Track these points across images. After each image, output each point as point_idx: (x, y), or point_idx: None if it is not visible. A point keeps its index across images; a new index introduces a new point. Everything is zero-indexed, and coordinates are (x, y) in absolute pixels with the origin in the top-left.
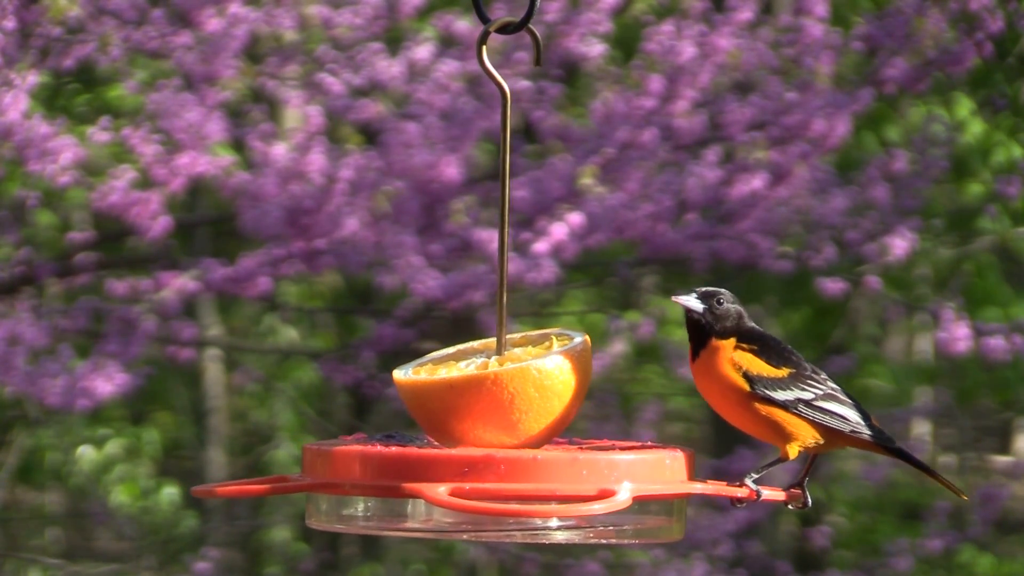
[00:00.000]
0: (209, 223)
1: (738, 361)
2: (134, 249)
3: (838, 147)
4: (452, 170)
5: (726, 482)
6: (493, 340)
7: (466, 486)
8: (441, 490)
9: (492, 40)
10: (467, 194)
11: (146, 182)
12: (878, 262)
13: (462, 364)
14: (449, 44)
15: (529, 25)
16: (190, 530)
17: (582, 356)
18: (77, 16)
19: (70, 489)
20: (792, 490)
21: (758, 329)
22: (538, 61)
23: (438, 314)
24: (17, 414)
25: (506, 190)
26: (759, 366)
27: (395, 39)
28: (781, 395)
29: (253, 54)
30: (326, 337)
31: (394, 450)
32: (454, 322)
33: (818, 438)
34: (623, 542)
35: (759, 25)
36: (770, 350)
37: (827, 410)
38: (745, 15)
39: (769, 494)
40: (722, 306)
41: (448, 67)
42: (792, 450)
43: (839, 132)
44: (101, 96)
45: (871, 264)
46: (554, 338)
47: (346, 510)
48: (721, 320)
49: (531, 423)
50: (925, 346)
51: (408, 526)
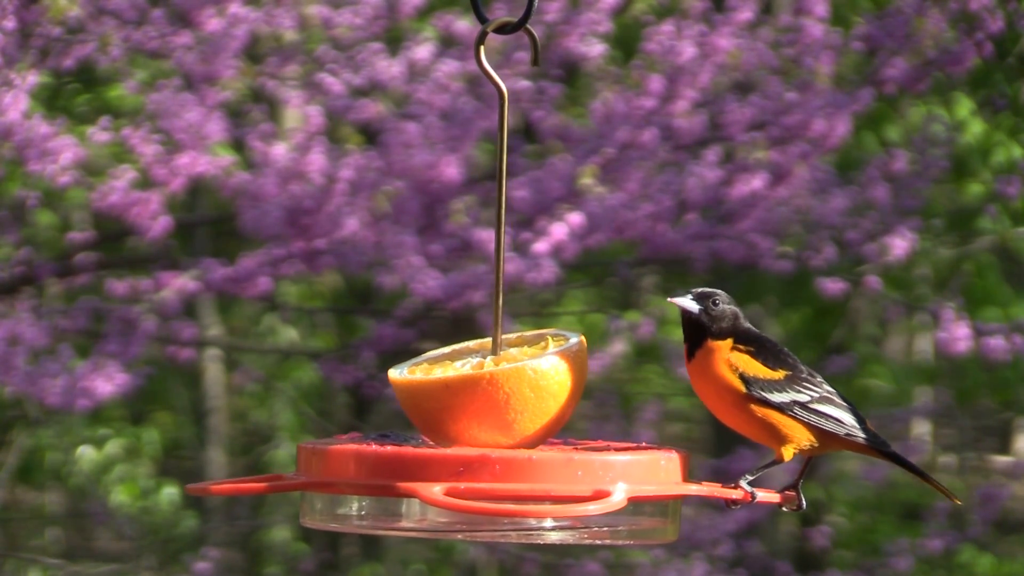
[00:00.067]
0: (209, 223)
1: (734, 362)
2: (134, 249)
3: (838, 147)
4: (452, 170)
5: (721, 484)
6: (489, 340)
7: (461, 486)
8: (436, 490)
9: (492, 40)
10: (467, 194)
11: (146, 182)
12: (878, 262)
13: (458, 364)
14: (449, 44)
15: (527, 25)
16: (190, 530)
17: (578, 356)
18: (77, 16)
19: (70, 489)
20: (787, 492)
21: (754, 330)
22: (535, 61)
23: (438, 314)
24: (17, 414)
25: (503, 190)
26: (755, 368)
27: (395, 39)
28: (777, 397)
29: (253, 54)
30: (326, 337)
31: (389, 449)
32: (454, 322)
33: (813, 440)
34: (617, 543)
35: (759, 25)
36: (766, 352)
37: (823, 413)
38: (745, 15)
39: (764, 496)
40: (718, 307)
41: (448, 67)
42: (787, 452)
43: (839, 132)
44: (101, 96)
45: (871, 264)
46: (550, 338)
47: (341, 509)
48: (717, 321)
49: (526, 423)
50: (925, 346)
51: (402, 525)
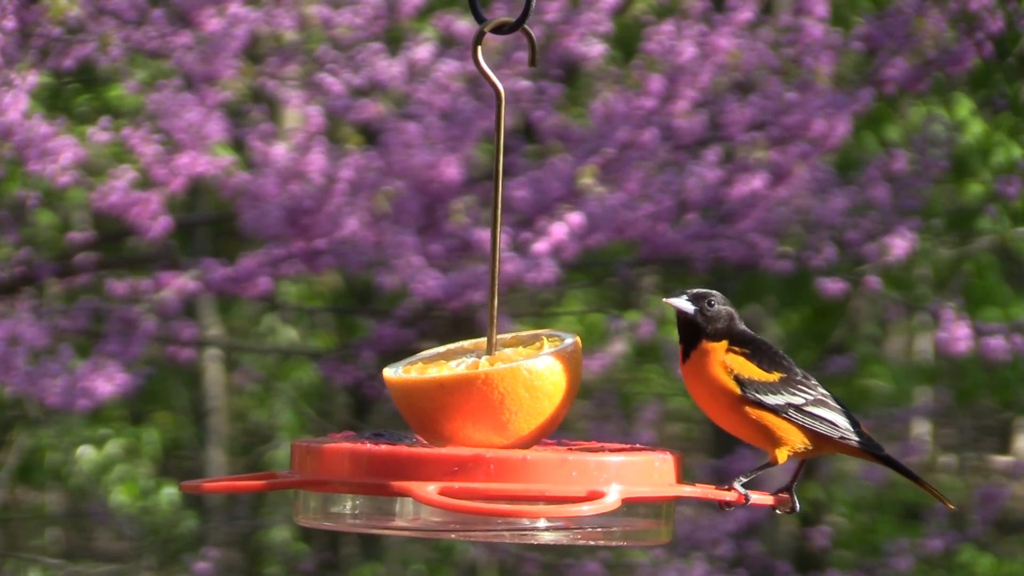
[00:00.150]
0: (209, 223)
1: (729, 364)
2: (134, 249)
3: (838, 147)
4: (452, 170)
5: (715, 485)
6: (484, 340)
7: (455, 485)
8: (430, 489)
9: (493, 40)
10: (467, 194)
11: (146, 182)
12: (878, 262)
13: (452, 363)
14: (449, 44)
15: (525, 25)
16: (190, 530)
17: (573, 357)
18: (77, 16)
19: (70, 489)
20: (780, 494)
21: (749, 332)
22: (533, 62)
23: (438, 314)
24: (17, 414)
25: (499, 190)
26: (750, 370)
27: (395, 39)
28: (772, 399)
29: (253, 54)
30: (326, 337)
31: (384, 448)
32: (454, 322)
33: (807, 443)
34: (611, 544)
35: (759, 25)
36: (762, 354)
37: (817, 415)
38: (745, 15)
39: (757, 498)
40: (713, 307)
41: (448, 67)
42: (781, 454)
43: (839, 132)
44: (101, 96)
45: (871, 264)
46: (545, 339)
47: (334, 507)
48: (712, 322)
49: (521, 423)
50: (925, 346)
51: (396, 524)
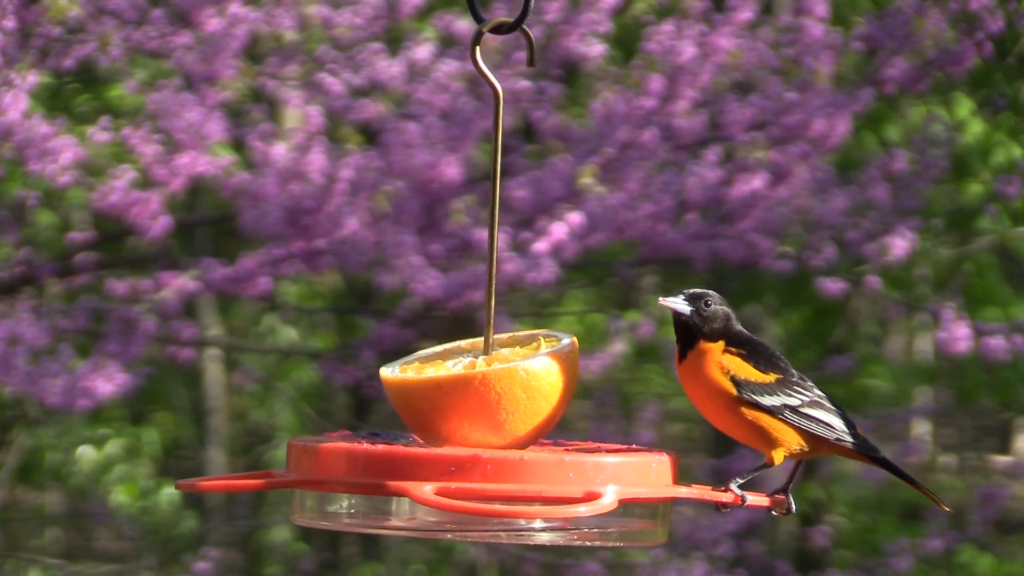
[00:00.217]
0: (209, 223)
1: (726, 365)
2: (134, 249)
3: (838, 147)
4: (452, 170)
5: (712, 487)
6: (481, 340)
7: (452, 485)
8: (427, 489)
9: (492, 40)
10: (467, 194)
11: (146, 182)
12: (878, 262)
13: (449, 363)
14: (449, 44)
15: (523, 26)
16: (190, 530)
17: (570, 358)
18: (77, 16)
19: (70, 489)
20: (776, 496)
21: (746, 333)
22: (531, 62)
23: (438, 314)
24: (17, 414)
25: (496, 190)
26: (747, 371)
27: (395, 39)
28: (768, 400)
29: (253, 54)
30: (326, 337)
31: (380, 448)
32: (454, 322)
33: (803, 445)
34: (607, 544)
35: (759, 25)
36: (758, 355)
37: (813, 417)
38: (745, 15)
39: (753, 499)
40: (710, 308)
41: (448, 67)
42: (778, 456)
43: (839, 132)
44: (101, 96)
45: (871, 264)
46: (542, 339)
47: (331, 507)
48: (709, 322)
49: (518, 424)
50: (925, 346)
51: (392, 524)
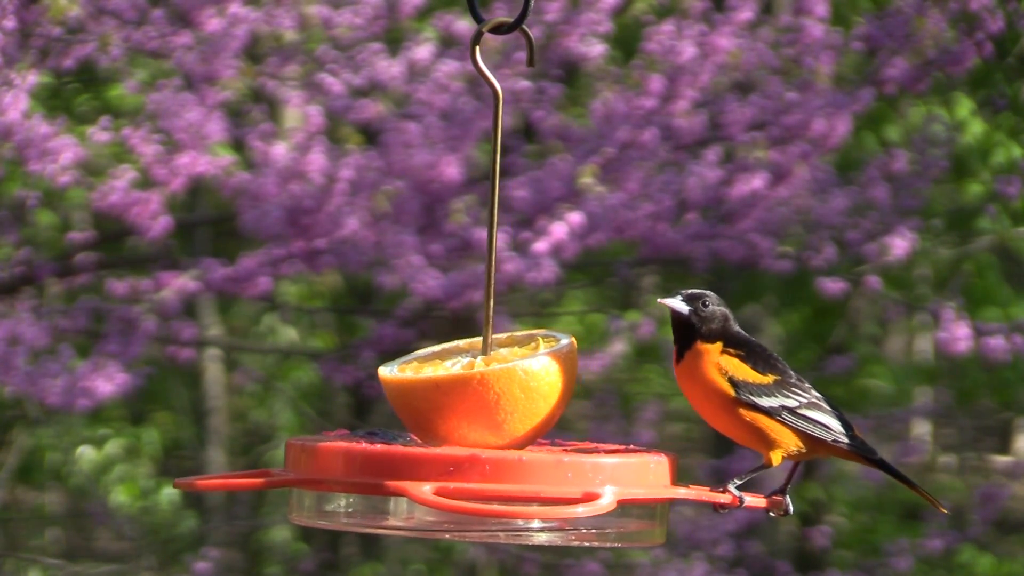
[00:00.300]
0: (209, 223)
1: (724, 366)
2: (134, 249)
3: (838, 147)
4: (452, 170)
5: (710, 487)
6: (479, 339)
7: (451, 485)
8: (426, 489)
9: (492, 40)
10: (467, 194)
11: (146, 182)
12: (878, 262)
13: (448, 363)
14: (449, 44)
15: (523, 26)
16: (190, 530)
17: (568, 358)
18: (77, 16)
19: (70, 489)
20: (774, 497)
21: (744, 334)
22: (531, 62)
23: (438, 314)
24: (17, 414)
25: (495, 190)
26: (745, 372)
27: (395, 39)
28: (766, 402)
29: (253, 54)
30: (326, 337)
31: (379, 447)
32: (454, 322)
33: (801, 446)
34: (605, 545)
35: (759, 25)
36: (756, 356)
37: (811, 418)
38: (745, 15)
39: (751, 500)
40: (708, 308)
41: (448, 67)
42: (775, 457)
43: (839, 132)
44: (101, 96)
45: (871, 264)
46: (540, 339)
47: (328, 506)
48: (707, 322)
49: (516, 424)
50: (925, 346)
51: (390, 523)
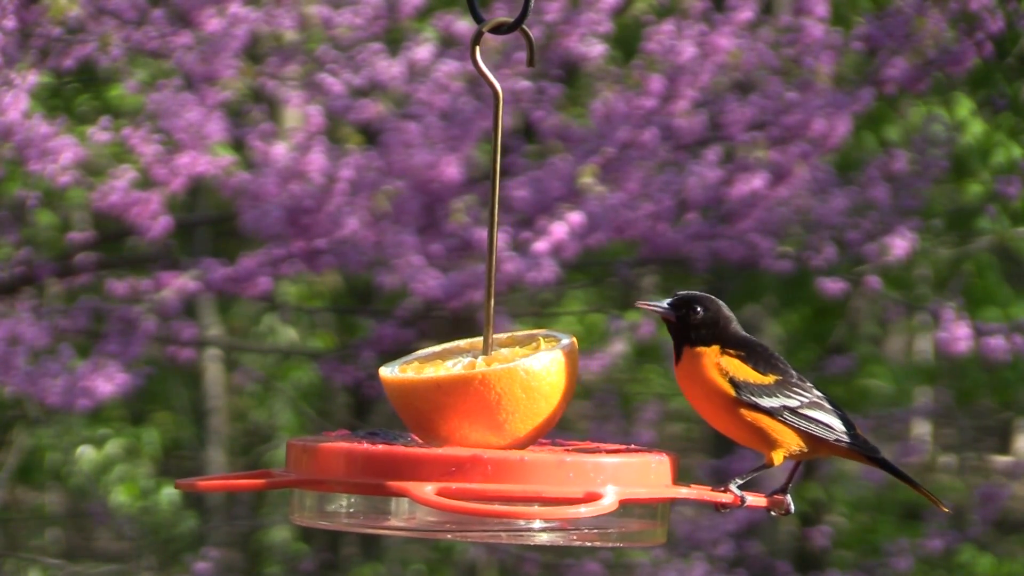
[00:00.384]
0: (209, 223)
1: (725, 366)
2: (134, 249)
3: (838, 147)
4: (452, 170)
5: (711, 487)
6: (480, 339)
7: (452, 486)
8: (428, 489)
9: (492, 40)
10: (467, 194)
11: (146, 182)
12: (878, 262)
13: (449, 363)
14: (449, 44)
15: (523, 26)
16: (190, 530)
17: (569, 358)
18: (77, 16)
19: (70, 489)
20: (775, 496)
21: (744, 334)
22: (531, 62)
23: (438, 314)
24: (17, 414)
25: (495, 190)
26: (745, 372)
27: (395, 39)
28: (767, 402)
29: (253, 54)
30: (326, 337)
31: (381, 448)
32: (454, 322)
33: (803, 446)
34: (607, 545)
35: (759, 25)
36: (757, 356)
37: (812, 418)
38: (745, 15)
39: (753, 500)
40: (697, 314)
41: (448, 67)
42: (777, 456)
43: (839, 132)
44: (101, 96)
45: (871, 264)
46: (541, 339)
47: (330, 506)
48: (695, 329)
49: (517, 424)
50: (925, 346)
51: (392, 524)
